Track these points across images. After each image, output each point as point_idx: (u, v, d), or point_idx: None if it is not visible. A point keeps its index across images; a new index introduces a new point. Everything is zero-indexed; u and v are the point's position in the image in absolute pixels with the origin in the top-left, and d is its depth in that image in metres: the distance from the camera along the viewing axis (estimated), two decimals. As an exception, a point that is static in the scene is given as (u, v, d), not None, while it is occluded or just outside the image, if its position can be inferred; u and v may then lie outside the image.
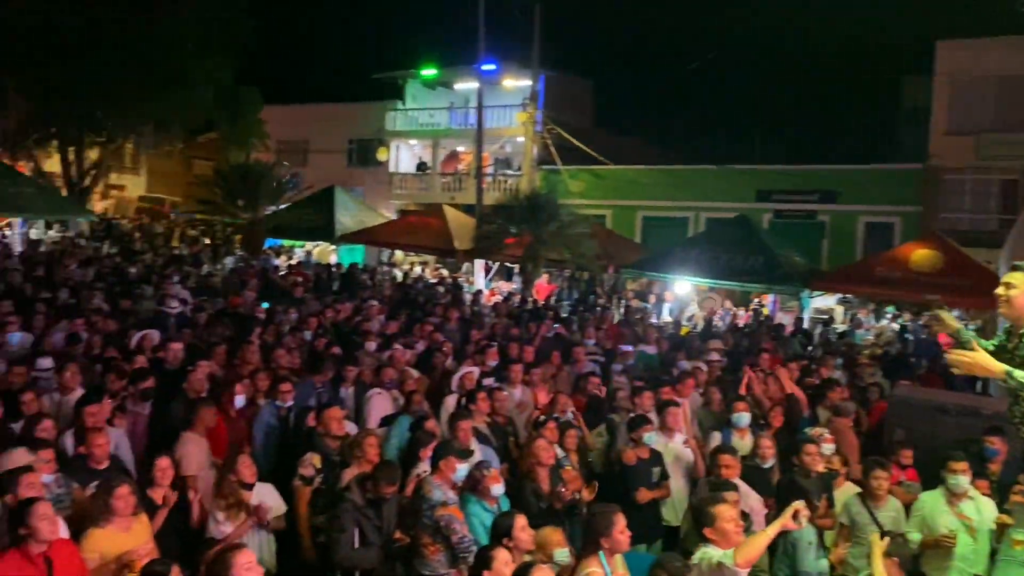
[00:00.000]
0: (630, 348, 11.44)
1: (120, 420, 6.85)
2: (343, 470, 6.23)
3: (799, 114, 40.33)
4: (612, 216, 27.61)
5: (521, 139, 28.22)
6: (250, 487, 5.70)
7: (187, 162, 40.02)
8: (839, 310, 20.11)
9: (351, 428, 7.29)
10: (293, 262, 23.70)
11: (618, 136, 30.26)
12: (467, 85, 30.52)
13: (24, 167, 27.62)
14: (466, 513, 5.56)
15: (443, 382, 9.44)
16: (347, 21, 59.75)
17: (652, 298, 19.83)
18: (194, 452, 6.52)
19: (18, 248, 21.47)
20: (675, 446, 7.42)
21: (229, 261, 22.41)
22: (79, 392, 7.12)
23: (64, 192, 28.39)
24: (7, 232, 25.19)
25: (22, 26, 24.89)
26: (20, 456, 5.29)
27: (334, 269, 21.34)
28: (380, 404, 8.33)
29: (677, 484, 7.17)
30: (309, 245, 26.81)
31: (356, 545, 5.47)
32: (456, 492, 5.68)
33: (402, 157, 34.35)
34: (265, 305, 13.05)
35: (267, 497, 5.88)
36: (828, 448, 6.95)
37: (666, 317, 18.40)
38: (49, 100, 26.44)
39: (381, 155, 33.79)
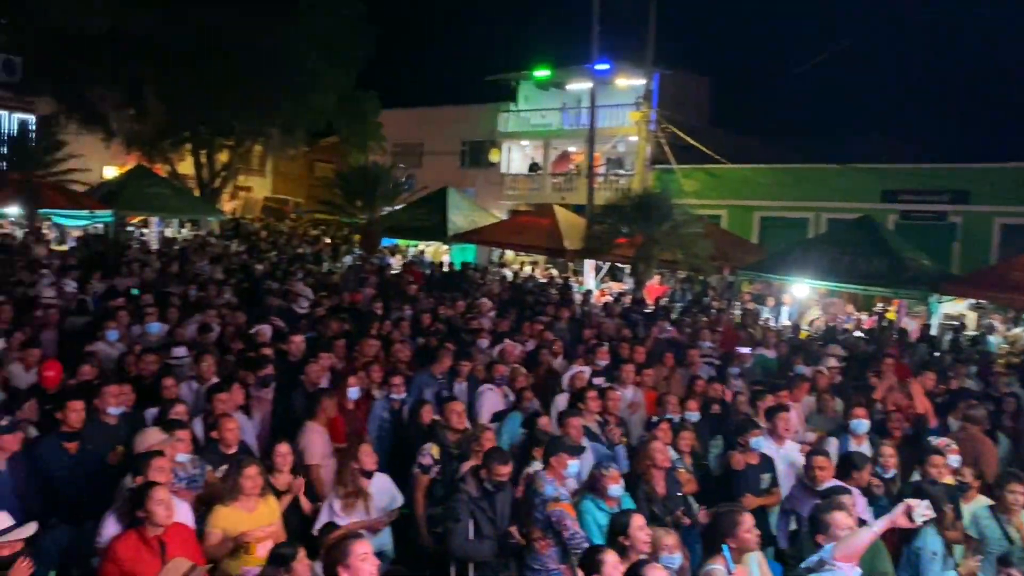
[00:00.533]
0: (748, 351, 11.15)
1: (254, 408, 7.20)
2: (461, 463, 6.34)
3: (928, 110, 38.28)
4: (728, 216, 26.98)
5: (634, 138, 27.94)
6: (370, 475, 5.86)
7: (309, 164, 41.63)
8: (971, 316, 18.97)
9: (467, 423, 7.40)
10: (406, 261, 24.32)
11: (735, 134, 29.54)
12: (580, 85, 30.46)
13: (161, 169, 29.47)
14: (581, 511, 5.54)
15: (547, 379, 9.52)
16: (461, 25, 60.68)
17: (770, 301, 19.26)
18: (317, 442, 6.76)
19: (154, 245, 22.84)
20: (788, 452, 7.19)
21: (347, 259, 23.21)
22: (215, 381, 7.54)
23: (196, 193, 30.15)
24: (145, 230, 26.89)
25: (160, 36, 26.53)
26: (153, 435, 5.62)
27: (447, 268, 21.75)
28: (491, 400, 8.44)
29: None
30: (422, 244, 27.42)
31: (471, 537, 5.54)
32: (567, 488, 5.67)
33: (514, 158, 34.63)
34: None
35: (385, 487, 6.05)
36: (954, 459, 6.61)
37: (784, 321, 17.84)
38: (184, 106, 28.11)
39: (493, 156, 34.19)
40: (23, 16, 27.16)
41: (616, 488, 5.65)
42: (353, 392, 7.60)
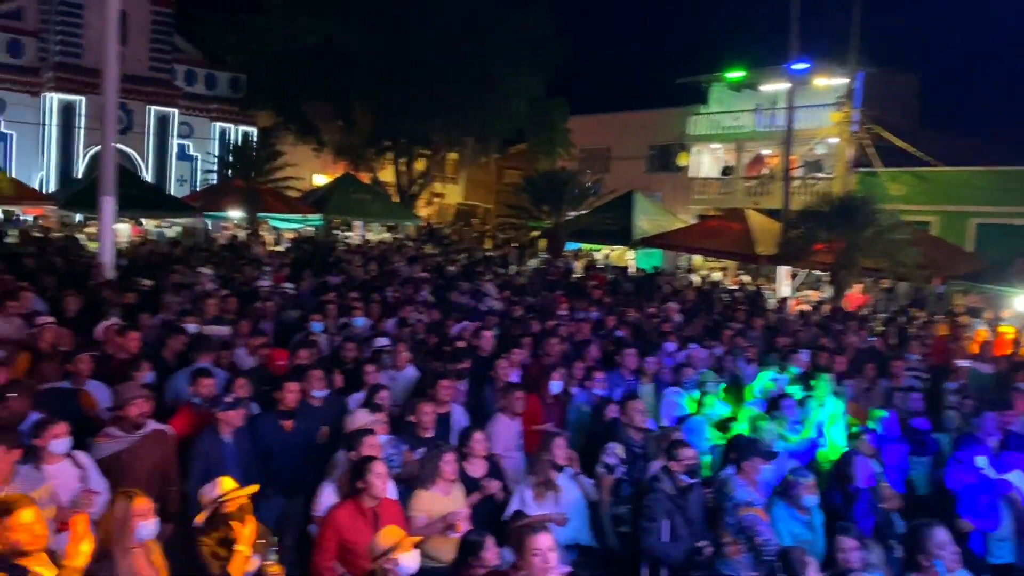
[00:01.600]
0: (967, 364, 10.29)
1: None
2: (647, 462, 6.28)
3: None
4: (939, 222, 24.96)
5: (834, 140, 26.54)
6: (561, 469, 5.93)
7: (499, 172, 42.82)
8: None
9: (651, 422, 7.35)
10: (588, 264, 24.40)
11: (948, 134, 27.30)
12: (775, 86, 29.32)
13: (365, 177, 31.44)
14: (773, 518, 5.34)
15: (733, 385, 9.23)
16: (651, 29, 60.19)
17: (987, 314, 17.62)
18: (502, 433, 6.96)
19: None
20: (1013, 477, 6.55)
21: (533, 263, 23.63)
22: (410, 369, 7.94)
23: (395, 199, 31.88)
24: (349, 233, 28.74)
25: (368, 54, 28.38)
26: (362, 416, 6.01)
27: (632, 272, 21.63)
28: (676, 403, 8.31)
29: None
30: (605, 249, 27.43)
31: (666, 538, 5.44)
32: (760, 493, 5.48)
33: (703, 162, 33.90)
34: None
35: (572, 484, 6.10)
36: None
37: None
38: (387, 117, 29.87)
39: (682, 160, 33.62)
40: (246, 37, 29.97)
41: (811, 498, 5.40)
42: (556, 386, 7.74)
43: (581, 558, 5.86)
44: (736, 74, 30.80)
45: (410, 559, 4.18)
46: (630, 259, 25.49)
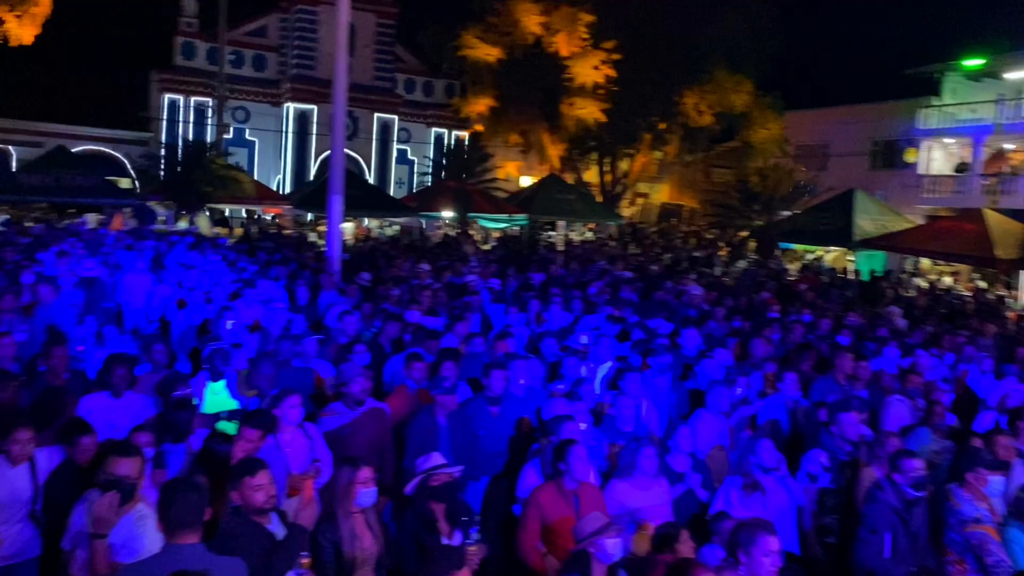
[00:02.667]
0: None
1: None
2: (854, 471, 5.92)
3: None
4: None
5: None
6: (768, 471, 5.74)
7: (706, 170, 41.81)
8: None
9: (864, 431, 6.91)
10: (803, 265, 23.25)
11: None
12: (1021, 74, 26.51)
13: (569, 177, 31.85)
14: (1008, 540, 4.84)
15: (964, 397, 8.67)
16: (874, 16, 56.21)
17: None
18: (705, 430, 6.82)
19: (560, 246, 24.74)
20: None
21: (742, 263, 22.88)
22: (608, 364, 8.00)
23: (599, 199, 32.04)
24: (552, 232, 29.26)
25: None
26: (562, 405, 6.15)
27: (852, 276, 20.42)
28: (899, 411, 7.74)
29: None
30: (820, 250, 26.00)
31: (887, 554, 5.06)
32: (989, 509, 4.99)
33: (934, 157, 31.24)
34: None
35: (780, 487, 5.87)
36: None
37: None
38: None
39: (909, 156, 31.15)
40: (460, 45, 31.42)
41: None
42: (739, 389, 7.51)
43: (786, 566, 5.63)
44: (975, 61, 28.12)
45: (614, 545, 4.21)
46: (849, 261, 24.01)
